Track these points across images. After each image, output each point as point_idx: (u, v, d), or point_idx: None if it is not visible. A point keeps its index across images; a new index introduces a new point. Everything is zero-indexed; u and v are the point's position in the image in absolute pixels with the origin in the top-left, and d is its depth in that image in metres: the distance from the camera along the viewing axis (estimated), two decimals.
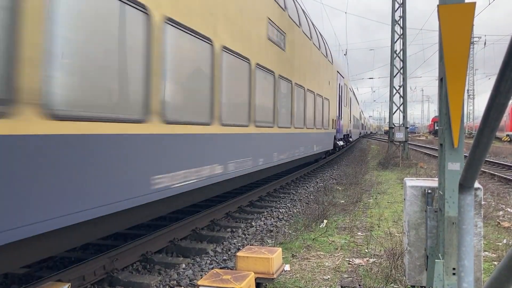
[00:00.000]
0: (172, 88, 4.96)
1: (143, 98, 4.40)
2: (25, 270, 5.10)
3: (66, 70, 3.39)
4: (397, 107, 22.34)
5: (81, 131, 3.54)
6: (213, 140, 6.13)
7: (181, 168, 5.15)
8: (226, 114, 6.60)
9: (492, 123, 1.43)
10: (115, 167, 3.96)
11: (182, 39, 5.19)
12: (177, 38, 5.06)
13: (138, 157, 4.31)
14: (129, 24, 4.17)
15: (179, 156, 5.16)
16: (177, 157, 5.09)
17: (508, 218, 8.39)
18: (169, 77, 4.90)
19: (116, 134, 3.97)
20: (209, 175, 5.99)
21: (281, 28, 9.91)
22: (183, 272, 5.36)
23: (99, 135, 3.75)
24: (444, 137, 3.24)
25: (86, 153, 3.59)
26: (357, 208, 9.45)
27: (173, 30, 4.96)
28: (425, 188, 3.65)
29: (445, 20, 2.97)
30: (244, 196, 9.69)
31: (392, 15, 22.03)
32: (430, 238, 3.50)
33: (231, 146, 6.85)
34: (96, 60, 3.70)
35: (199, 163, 5.68)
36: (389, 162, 19.93)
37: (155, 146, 4.60)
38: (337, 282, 4.92)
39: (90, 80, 3.65)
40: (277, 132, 9.57)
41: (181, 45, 5.16)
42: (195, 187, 5.54)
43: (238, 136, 7.17)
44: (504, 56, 1.20)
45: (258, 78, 8.21)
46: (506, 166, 19.01)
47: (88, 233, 4.18)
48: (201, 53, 5.71)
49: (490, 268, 5.34)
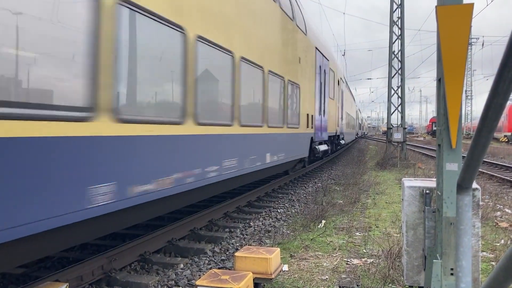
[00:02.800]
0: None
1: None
2: (22, 270, 5.08)
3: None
4: (395, 107, 22.39)
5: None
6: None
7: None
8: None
9: (490, 123, 1.44)
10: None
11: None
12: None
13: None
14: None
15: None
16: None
17: (506, 219, 8.41)
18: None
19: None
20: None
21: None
22: (181, 272, 5.36)
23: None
24: (442, 138, 3.24)
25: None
26: (355, 208, 9.46)
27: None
28: (423, 188, 3.65)
29: (443, 21, 2.97)
30: (243, 196, 9.69)
31: (391, 16, 22.07)
32: (428, 239, 3.50)
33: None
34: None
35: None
36: (387, 163, 19.96)
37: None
38: (335, 282, 4.93)
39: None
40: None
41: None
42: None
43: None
44: (502, 57, 1.21)
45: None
46: (504, 166, 19.06)
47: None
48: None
49: (488, 268, 5.35)
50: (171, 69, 5.14)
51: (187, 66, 5.42)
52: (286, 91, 10.15)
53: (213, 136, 6.28)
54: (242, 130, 7.40)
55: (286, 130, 10.28)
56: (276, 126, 9.43)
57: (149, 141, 4.61)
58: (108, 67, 4.00)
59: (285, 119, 10.15)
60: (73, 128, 3.54)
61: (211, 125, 6.17)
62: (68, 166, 3.48)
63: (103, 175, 3.90)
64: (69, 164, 3.48)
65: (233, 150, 7.03)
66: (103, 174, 3.89)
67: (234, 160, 7.05)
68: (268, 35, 8.98)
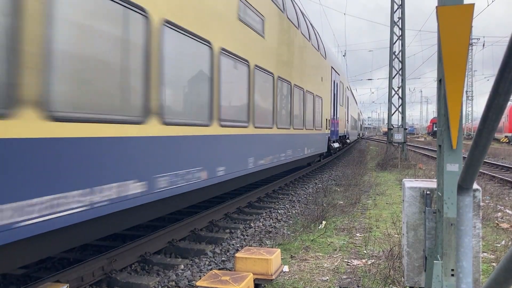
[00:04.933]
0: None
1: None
2: (23, 270, 5.08)
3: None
4: (396, 108, 22.39)
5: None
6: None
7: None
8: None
9: (491, 124, 1.43)
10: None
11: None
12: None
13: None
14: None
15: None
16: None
17: (506, 219, 8.40)
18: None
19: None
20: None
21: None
22: (181, 273, 5.36)
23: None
24: (443, 138, 3.24)
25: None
26: (355, 209, 9.45)
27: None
28: (423, 189, 3.65)
29: (444, 21, 2.97)
30: (243, 197, 9.69)
31: (391, 16, 22.08)
32: (428, 239, 3.50)
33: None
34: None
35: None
36: (388, 163, 19.95)
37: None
38: (336, 283, 4.92)
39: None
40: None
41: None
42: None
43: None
44: (503, 58, 1.21)
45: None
46: (504, 167, 19.03)
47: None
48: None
49: (488, 269, 5.34)
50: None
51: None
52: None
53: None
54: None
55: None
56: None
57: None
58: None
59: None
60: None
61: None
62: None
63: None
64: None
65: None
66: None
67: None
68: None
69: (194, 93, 5.67)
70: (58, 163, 3.35)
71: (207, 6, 6.02)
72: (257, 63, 8.09)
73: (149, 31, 4.56)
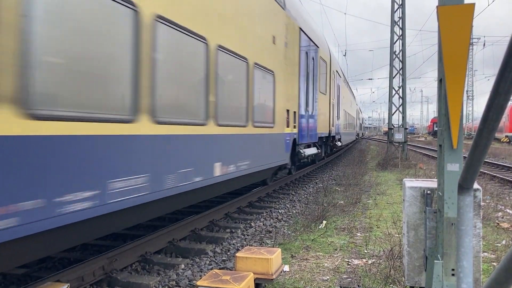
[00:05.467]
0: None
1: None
2: (23, 270, 5.09)
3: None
4: (396, 108, 22.39)
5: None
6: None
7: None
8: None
9: (491, 124, 1.43)
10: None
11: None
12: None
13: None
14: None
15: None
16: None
17: (507, 219, 8.40)
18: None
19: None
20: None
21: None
22: (182, 272, 5.36)
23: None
24: (443, 138, 3.24)
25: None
26: (356, 208, 9.45)
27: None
28: (424, 189, 3.65)
29: (444, 21, 2.97)
30: (243, 197, 9.69)
31: (392, 16, 22.08)
32: (429, 239, 3.50)
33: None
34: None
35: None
36: (388, 163, 19.95)
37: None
38: (336, 283, 4.92)
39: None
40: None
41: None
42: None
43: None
44: (504, 57, 1.21)
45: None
46: (505, 167, 19.03)
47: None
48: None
49: (489, 269, 5.34)
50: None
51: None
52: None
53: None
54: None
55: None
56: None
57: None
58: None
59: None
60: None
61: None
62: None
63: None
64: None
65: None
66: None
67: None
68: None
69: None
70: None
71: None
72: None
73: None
